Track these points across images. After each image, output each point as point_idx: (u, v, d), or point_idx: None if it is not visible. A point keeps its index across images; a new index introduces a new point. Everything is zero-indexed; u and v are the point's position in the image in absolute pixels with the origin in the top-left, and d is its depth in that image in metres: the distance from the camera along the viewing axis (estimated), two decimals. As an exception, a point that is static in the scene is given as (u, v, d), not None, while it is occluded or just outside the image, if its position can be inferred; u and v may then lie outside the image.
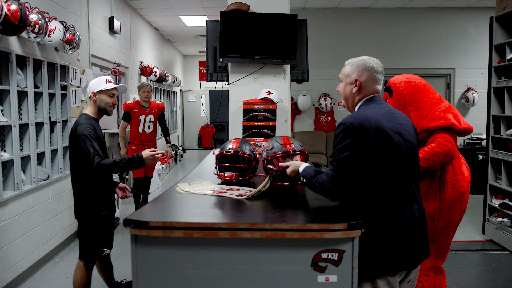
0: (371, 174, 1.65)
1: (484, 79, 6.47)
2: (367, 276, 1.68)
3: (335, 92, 7.20)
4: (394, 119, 1.73)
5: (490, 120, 4.46)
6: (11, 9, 2.99)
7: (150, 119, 5.14)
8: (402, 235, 1.68)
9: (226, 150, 2.31)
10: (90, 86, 2.77)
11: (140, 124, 5.09)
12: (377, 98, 1.80)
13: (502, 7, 4.32)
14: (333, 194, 1.69)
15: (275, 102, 3.75)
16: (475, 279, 3.51)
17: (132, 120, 5.08)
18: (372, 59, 1.80)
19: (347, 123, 1.65)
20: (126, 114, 5.07)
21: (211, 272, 1.52)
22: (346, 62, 1.86)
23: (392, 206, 1.68)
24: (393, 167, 1.67)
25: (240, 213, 1.71)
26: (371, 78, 1.78)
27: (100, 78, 2.77)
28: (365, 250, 1.59)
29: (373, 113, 1.70)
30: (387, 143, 1.66)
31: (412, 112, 2.40)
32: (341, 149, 1.65)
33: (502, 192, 4.36)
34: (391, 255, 1.68)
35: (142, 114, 5.09)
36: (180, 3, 7.01)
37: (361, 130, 1.63)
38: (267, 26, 3.88)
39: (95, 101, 2.74)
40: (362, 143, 1.63)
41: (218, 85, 4.37)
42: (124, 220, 1.54)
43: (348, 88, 1.83)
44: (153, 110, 5.18)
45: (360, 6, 7.02)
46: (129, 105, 5.06)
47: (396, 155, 1.68)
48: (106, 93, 2.73)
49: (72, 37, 4.06)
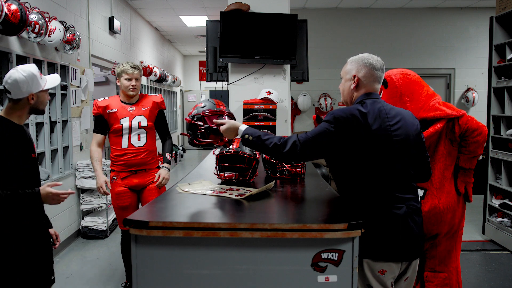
0: (354, 167, 1.71)
1: (484, 79, 6.47)
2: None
3: (335, 92, 7.20)
4: (385, 119, 1.74)
5: (490, 120, 4.46)
6: (11, 9, 2.99)
7: (140, 122, 2.97)
8: (389, 230, 1.71)
9: (226, 150, 2.31)
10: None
11: (123, 134, 2.95)
12: (373, 96, 1.80)
13: (502, 7, 4.32)
14: (285, 157, 1.76)
15: (275, 102, 3.75)
16: (475, 279, 3.51)
17: (111, 130, 2.97)
18: (372, 56, 1.81)
19: (334, 114, 1.70)
20: (98, 120, 2.99)
21: (211, 272, 1.52)
22: (348, 60, 1.87)
23: (379, 203, 1.71)
24: (375, 163, 1.70)
25: (240, 213, 1.71)
26: (369, 75, 1.79)
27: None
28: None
29: (366, 110, 1.71)
30: (371, 142, 1.68)
31: (408, 103, 2.39)
32: (318, 132, 1.71)
33: (502, 192, 4.36)
34: (378, 243, 1.70)
35: (125, 116, 2.95)
36: (180, 3, 7.01)
37: (345, 126, 1.67)
38: (267, 26, 3.88)
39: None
40: (341, 138, 1.67)
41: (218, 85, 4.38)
42: (124, 220, 1.54)
43: (347, 85, 1.85)
44: (143, 108, 3.01)
45: (360, 6, 7.02)
46: (100, 105, 2.96)
47: (379, 154, 1.70)
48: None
49: (72, 37, 4.06)
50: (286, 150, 1.73)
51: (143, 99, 3.06)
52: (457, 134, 2.32)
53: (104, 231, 4.53)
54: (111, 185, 2.99)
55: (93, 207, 4.52)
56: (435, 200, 2.30)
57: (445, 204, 2.33)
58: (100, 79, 6.21)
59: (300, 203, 2.00)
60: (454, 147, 2.37)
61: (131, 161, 2.97)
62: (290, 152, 1.73)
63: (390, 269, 1.73)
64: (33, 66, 2.04)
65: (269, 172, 2.49)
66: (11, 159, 1.90)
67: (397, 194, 1.73)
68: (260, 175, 2.51)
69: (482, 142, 2.33)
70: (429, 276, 2.44)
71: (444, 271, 2.43)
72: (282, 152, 1.74)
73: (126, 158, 2.96)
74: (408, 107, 2.35)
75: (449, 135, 2.35)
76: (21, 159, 1.97)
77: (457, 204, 2.38)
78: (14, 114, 1.99)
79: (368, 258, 1.72)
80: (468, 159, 2.36)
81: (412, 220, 1.75)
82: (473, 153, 2.35)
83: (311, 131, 1.74)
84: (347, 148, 1.69)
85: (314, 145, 1.71)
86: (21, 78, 1.93)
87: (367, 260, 1.72)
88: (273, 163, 2.44)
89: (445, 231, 2.38)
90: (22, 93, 1.96)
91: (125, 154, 2.96)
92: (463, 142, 2.34)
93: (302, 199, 2.06)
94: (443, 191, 2.35)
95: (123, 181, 2.98)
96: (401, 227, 1.73)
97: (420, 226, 1.80)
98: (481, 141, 2.32)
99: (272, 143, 1.77)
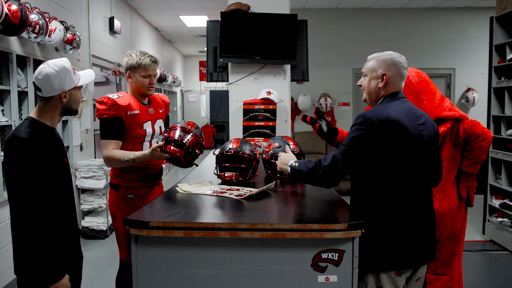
0: (383, 170, 1.67)
1: (484, 79, 6.46)
2: (371, 269, 1.69)
3: (335, 92, 7.21)
4: (415, 118, 1.73)
5: (490, 120, 4.46)
6: (11, 9, 2.99)
7: (161, 127, 2.51)
8: (408, 232, 1.69)
9: (226, 150, 2.31)
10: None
11: (145, 141, 2.40)
12: (400, 95, 1.79)
13: (502, 7, 4.32)
14: (327, 171, 1.69)
15: (275, 102, 3.75)
16: (475, 279, 3.51)
17: (129, 137, 2.33)
18: (398, 54, 1.80)
19: (367, 117, 1.66)
20: (114, 124, 2.27)
21: (211, 272, 1.52)
22: (370, 57, 1.84)
23: (402, 203, 1.68)
24: (407, 166, 1.68)
25: (240, 213, 1.71)
26: (398, 74, 1.77)
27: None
28: (372, 244, 1.63)
29: (395, 110, 1.69)
30: (404, 142, 1.67)
31: (425, 101, 2.37)
32: (354, 139, 1.66)
33: (502, 192, 4.36)
34: (397, 251, 1.68)
35: (147, 120, 2.40)
36: (180, 3, 7.01)
37: (379, 126, 1.63)
38: (267, 26, 3.88)
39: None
40: (377, 139, 1.63)
41: (218, 85, 4.38)
42: (124, 220, 1.55)
43: (373, 83, 1.80)
44: (160, 110, 2.54)
45: (360, 6, 7.02)
46: (121, 103, 2.27)
47: (411, 154, 1.68)
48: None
49: (72, 37, 4.06)
50: (327, 164, 1.67)
51: (154, 98, 2.52)
52: (461, 138, 2.31)
53: (104, 231, 4.53)
54: (126, 206, 2.33)
55: (93, 207, 4.52)
56: (436, 204, 2.28)
57: (446, 208, 2.32)
58: (100, 79, 6.22)
59: (300, 203, 2.00)
60: (457, 151, 2.36)
61: (152, 174, 2.44)
62: (331, 165, 1.67)
63: (404, 272, 1.73)
64: (65, 60, 1.81)
65: (269, 172, 2.49)
66: (45, 166, 1.72)
67: (419, 196, 1.73)
68: (260, 175, 2.51)
69: (486, 148, 2.32)
70: (431, 278, 2.43)
71: (446, 274, 2.42)
72: (324, 167, 1.68)
73: (146, 171, 2.39)
74: (426, 105, 2.34)
75: (453, 138, 2.34)
76: (55, 165, 1.79)
77: (459, 208, 2.37)
78: (45, 115, 1.79)
79: (386, 269, 1.69)
80: (471, 164, 2.35)
81: (431, 221, 1.77)
82: (476, 158, 2.33)
83: (345, 141, 1.70)
84: (381, 149, 1.65)
85: (353, 152, 1.67)
86: (53, 73, 1.74)
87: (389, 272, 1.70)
88: (273, 163, 2.44)
89: (447, 234, 2.37)
90: (54, 90, 1.76)
91: (147, 166, 2.39)
92: (467, 147, 2.33)
93: (302, 199, 2.06)
94: (445, 194, 2.34)
95: (143, 200, 2.35)
96: (422, 228, 1.72)
97: (434, 227, 1.82)
98: (485, 147, 2.31)
99: (311, 166, 1.74)
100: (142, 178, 2.39)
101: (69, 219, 1.90)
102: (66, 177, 1.89)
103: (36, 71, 1.77)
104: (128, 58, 2.35)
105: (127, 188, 2.36)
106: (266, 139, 3.60)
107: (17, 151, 1.67)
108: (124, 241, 2.38)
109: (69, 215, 1.90)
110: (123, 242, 2.40)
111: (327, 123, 2.42)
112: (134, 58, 2.33)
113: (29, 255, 1.69)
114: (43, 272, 1.69)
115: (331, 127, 2.41)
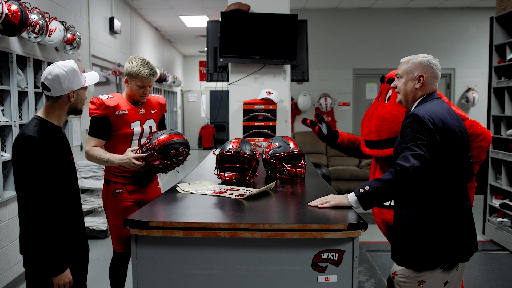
0: (434, 168, 1.71)
1: (484, 79, 6.47)
2: (416, 266, 1.73)
3: (335, 92, 7.20)
4: (455, 117, 1.81)
5: (490, 120, 4.46)
6: (11, 9, 2.99)
7: (151, 127, 2.57)
8: (458, 229, 1.75)
9: (226, 150, 2.31)
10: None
11: (133, 140, 2.50)
12: (436, 96, 1.85)
13: (502, 7, 4.32)
14: (414, 172, 1.63)
15: (275, 102, 3.75)
16: (475, 279, 3.51)
17: (117, 136, 2.45)
18: (432, 57, 1.86)
19: (419, 114, 1.70)
20: (101, 122, 2.42)
21: (211, 272, 1.52)
22: (404, 60, 1.90)
23: (451, 201, 1.75)
24: (454, 163, 1.75)
25: (240, 213, 1.71)
26: (433, 75, 1.84)
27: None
28: (419, 242, 1.71)
29: (439, 109, 1.76)
30: (452, 139, 1.73)
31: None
32: (416, 134, 1.67)
33: (502, 192, 4.36)
34: (447, 248, 1.73)
35: (136, 119, 2.49)
36: (180, 3, 7.01)
37: (430, 123, 1.69)
38: (267, 26, 3.89)
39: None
40: (430, 136, 1.68)
41: (218, 85, 4.38)
42: (124, 220, 1.55)
43: (410, 84, 1.85)
44: (152, 111, 2.60)
45: (360, 6, 7.02)
46: (109, 104, 2.40)
47: (457, 151, 1.75)
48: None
49: (72, 37, 4.06)
50: (410, 164, 1.62)
51: (148, 99, 2.60)
52: None
53: (104, 231, 4.53)
54: (114, 200, 2.47)
55: (93, 207, 4.52)
56: None
57: None
58: (100, 79, 6.21)
59: (300, 203, 2.00)
60: None
61: (141, 174, 2.50)
62: (417, 159, 1.63)
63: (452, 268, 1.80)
64: (72, 61, 1.91)
65: (269, 172, 2.49)
66: (52, 164, 1.80)
67: (465, 191, 1.82)
68: (260, 175, 2.52)
69: (485, 148, 2.32)
70: None
71: None
72: (411, 168, 1.62)
73: (136, 172, 2.47)
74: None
75: None
76: (61, 163, 1.88)
77: None
78: (53, 114, 1.89)
79: (450, 265, 1.76)
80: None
81: (471, 217, 1.84)
82: (475, 158, 2.33)
83: (405, 141, 1.69)
84: (437, 145, 1.70)
85: (422, 144, 1.68)
86: (63, 73, 1.82)
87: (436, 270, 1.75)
88: (273, 163, 2.44)
89: None
90: (63, 90, 1.84)
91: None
92: None
93: (302, 199, 2.06)
94: None
95: (131, 196, 2.49)
96: (469, 224, 1.80)
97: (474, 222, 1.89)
98: (485, 147, 2.32)
99: (391, 176, 1.65)
100: (131, 177, 2.50)
101: (75, 213, 1.99)
102: (72, 174, 1.98)
103: (45, 72, 1.84)
104: (129, 64, 2.44)
105: (116, 183, 2.49)
106: (266, 139, 3.61)
107: (26, 149, 1.75)
108: (114, 232, 2.53)
109: (75, 210, 2.00)
110: (113, 233, 2.54)
111: (327, 126, 2.44)
112: (134, 66, 2.42)
113: (35, 249, 1.79)
114: (46, 265, 1.78)
115: (331, 130, 2.42)
